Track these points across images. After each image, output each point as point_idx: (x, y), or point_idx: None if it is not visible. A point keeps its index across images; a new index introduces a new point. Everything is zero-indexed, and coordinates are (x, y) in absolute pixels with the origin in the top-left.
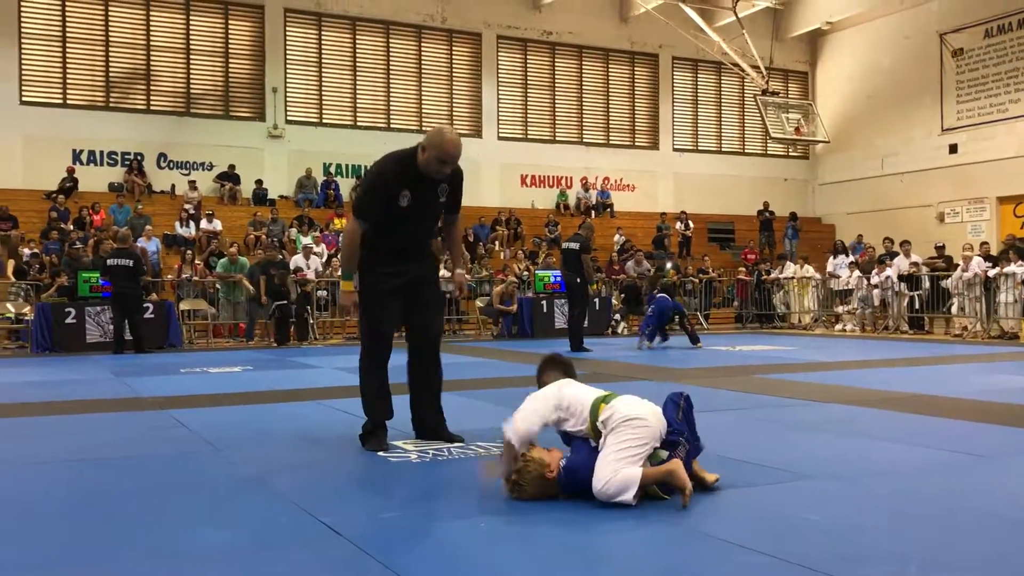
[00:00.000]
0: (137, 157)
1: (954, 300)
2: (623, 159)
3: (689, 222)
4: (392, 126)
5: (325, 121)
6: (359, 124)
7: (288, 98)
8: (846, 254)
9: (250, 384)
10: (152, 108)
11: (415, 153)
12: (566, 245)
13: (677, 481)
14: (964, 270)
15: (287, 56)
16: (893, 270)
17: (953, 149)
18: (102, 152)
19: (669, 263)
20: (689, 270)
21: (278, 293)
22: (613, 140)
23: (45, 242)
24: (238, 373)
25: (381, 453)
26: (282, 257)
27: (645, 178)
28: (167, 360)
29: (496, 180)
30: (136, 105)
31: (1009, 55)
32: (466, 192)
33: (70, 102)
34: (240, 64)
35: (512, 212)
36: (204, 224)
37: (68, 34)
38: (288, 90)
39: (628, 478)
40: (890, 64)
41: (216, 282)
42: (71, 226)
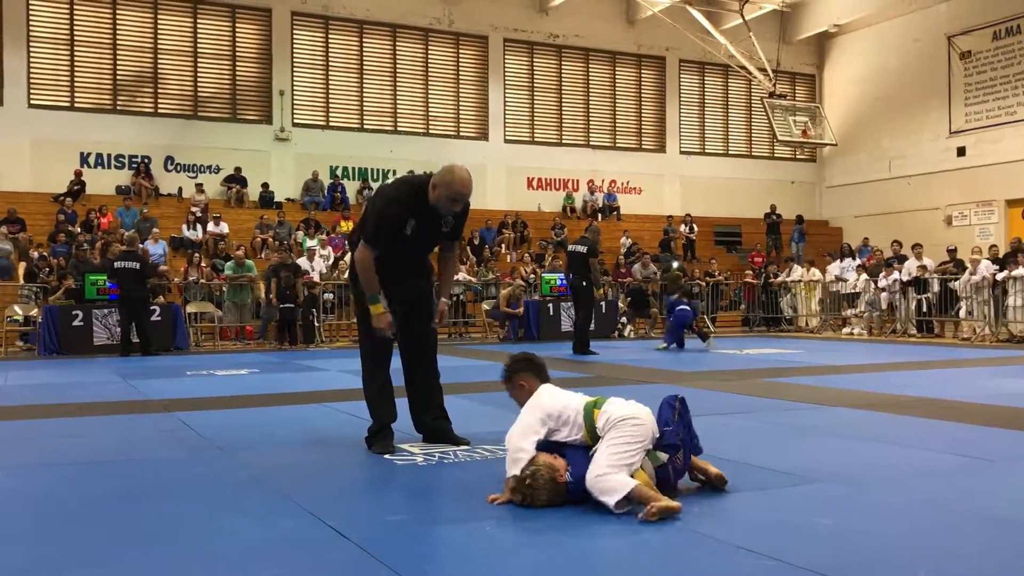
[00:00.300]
0: (144, 160)
1: (962, 303)
2: (630, 162)
3: (693, 225)
4: (399, 129)
5: (332, 124)
6: (366, 127)
7: (295, 101)
8: (852, 257)
9: (257, 387)
10: (159, 111)
11: (426, 184)
12: (572, 248)
13: (651, 502)
14: (972, 273)
15: (294, 59)
16: (902, 273)
17: (961, 152)
18: (109, 155)
19: (675, 263)
20: (696, 273)
21: (284, 296)
22: (620, 143)
23: (53, 245)
24: (245, 376)
25: (387, 456)
26: (293, 260)
27: (652, 181)
28: (174, 362)
29: (502, 183)
30: (144, 108)
31: (1018, 57)
32: (472, 195)
33: (78, 105)
34: (247, 67)
35: (518, 215)
36: (211, 227)
37: (76, 38)
38: (295, 93)
39: (620, 483)
40: (898, 66)
41: (222, 285)
42: (79, 229)
